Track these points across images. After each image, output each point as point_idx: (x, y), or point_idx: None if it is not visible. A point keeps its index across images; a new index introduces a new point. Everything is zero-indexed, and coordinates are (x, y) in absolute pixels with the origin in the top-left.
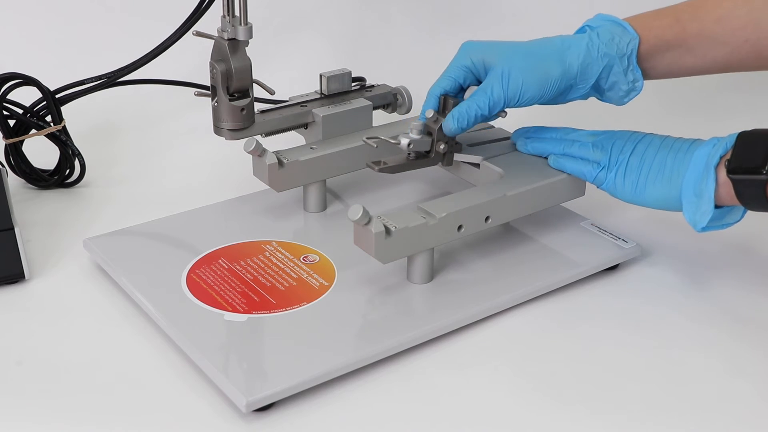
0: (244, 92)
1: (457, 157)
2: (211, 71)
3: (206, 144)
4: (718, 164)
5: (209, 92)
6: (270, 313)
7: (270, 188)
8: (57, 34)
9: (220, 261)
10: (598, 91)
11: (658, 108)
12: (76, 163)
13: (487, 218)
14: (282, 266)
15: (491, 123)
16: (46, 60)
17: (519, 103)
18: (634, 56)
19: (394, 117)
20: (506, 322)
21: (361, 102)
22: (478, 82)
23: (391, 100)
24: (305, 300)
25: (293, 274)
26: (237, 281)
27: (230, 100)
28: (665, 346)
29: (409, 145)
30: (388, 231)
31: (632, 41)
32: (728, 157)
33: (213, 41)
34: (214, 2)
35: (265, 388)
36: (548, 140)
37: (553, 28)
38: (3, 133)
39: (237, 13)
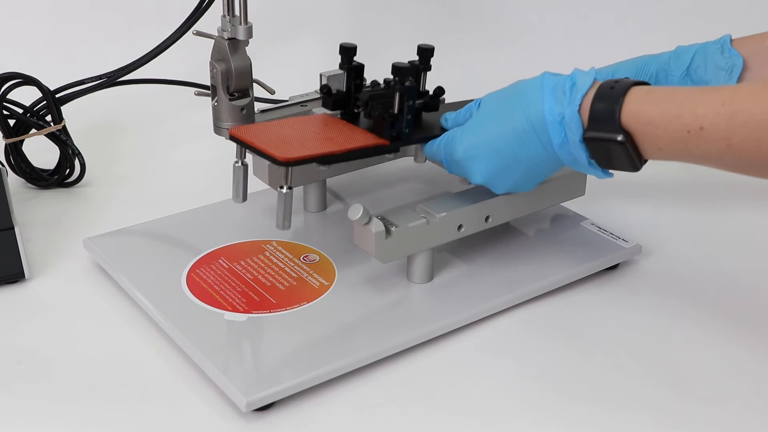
0: (244, 92)
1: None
2: (211, 71)
3: (206, 144)
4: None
5: (209, 92)
6: (270, 312)
7: (270, 188)
8: (57, 34)
9: (220, 261)
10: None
11: None
12: (76, 162)
13: (487, 218)
14: (282, 266)
15: None
16: (46, 60)
17: None
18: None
19: None
20: (506, 321)
21: None
22: None
23: None
24: (305, 300)
25: (293, 274)
26: (237, 281)
27: (230, 100)
28: (665, 345)
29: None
30: (388, 231)
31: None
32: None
33: (213, 41)
34: (214, 2)
35: (265, 388)
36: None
37: (552, 26)
38: (3, 132)
39: (237, 12)
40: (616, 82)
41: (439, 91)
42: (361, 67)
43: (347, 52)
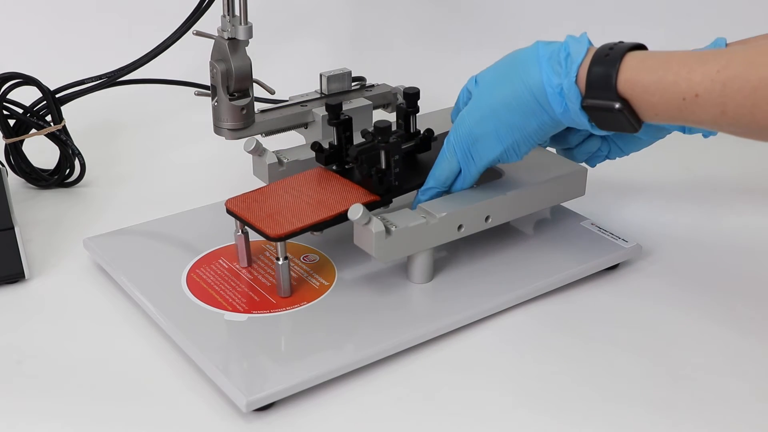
0: (244, 92)
1: None
2: (211, 71)
3: (206, 144)
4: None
5: (209, 92)
6: (270, 313)
7: None
8: (57, 34)
9: (220, 261)
10: None
11: None
12: (76, 162)
13: (487, 218)
14: None
15: None
16: (46, 60)
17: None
18: None
19: (395, 116)
20: (506, 321)
21: (361, 102)
22: None
23: (391, 99)
24: (305, 300)
25: (293, 274)
26: (237, 281)
27: (230, 100)
28: (665, 345)
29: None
30: (388, 230)
31: None
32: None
33: (213, 41)
34: (214, 2)
35: (265, 388)
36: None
37: (552, 26)
38: (3, 132)
39: (237, 12)
40: (611, 48)
41: (429, 133)
42: (348, 120)
43: (333, 108)
